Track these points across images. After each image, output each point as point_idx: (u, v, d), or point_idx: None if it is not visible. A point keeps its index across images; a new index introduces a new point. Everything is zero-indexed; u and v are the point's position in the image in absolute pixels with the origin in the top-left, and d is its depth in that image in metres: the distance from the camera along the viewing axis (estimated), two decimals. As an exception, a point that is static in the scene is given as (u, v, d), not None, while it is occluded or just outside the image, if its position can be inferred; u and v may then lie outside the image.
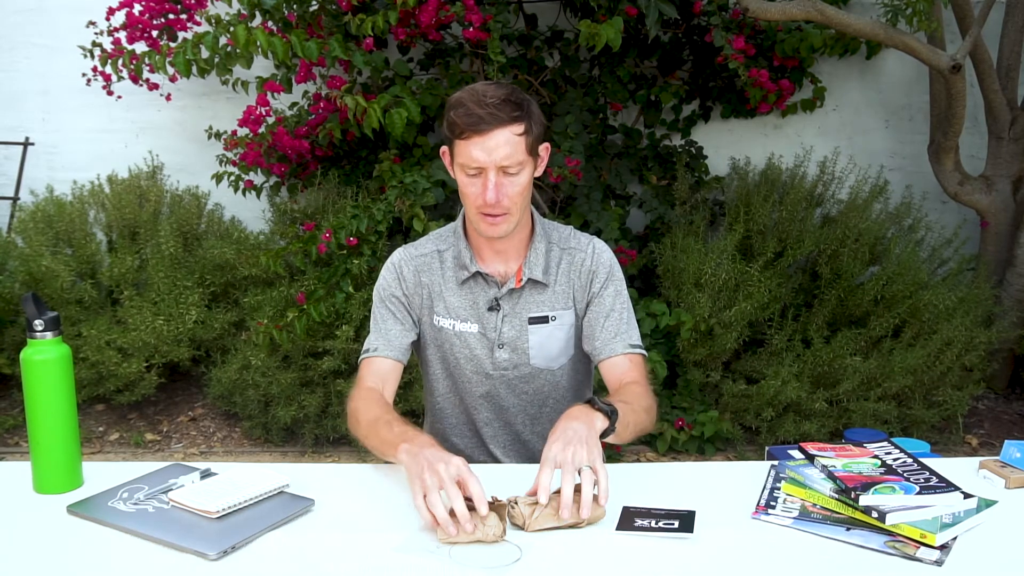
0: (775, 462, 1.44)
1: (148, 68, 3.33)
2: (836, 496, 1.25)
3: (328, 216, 3.58)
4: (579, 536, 1.19)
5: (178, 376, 3.98)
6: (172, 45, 3.29)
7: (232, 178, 3.97)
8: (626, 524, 1.22)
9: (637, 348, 1.58)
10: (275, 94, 3.72)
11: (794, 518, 1.24)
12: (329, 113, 3.62)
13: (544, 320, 1.59)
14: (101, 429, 3.70)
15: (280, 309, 3.40)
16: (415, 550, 1.16)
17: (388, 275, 1.63)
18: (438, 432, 1.73)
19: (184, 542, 1.17)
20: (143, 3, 3.65)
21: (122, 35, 3.70)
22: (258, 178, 4.08)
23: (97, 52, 3.66)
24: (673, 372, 3.56)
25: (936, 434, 3.54)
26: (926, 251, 3.75)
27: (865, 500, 1.19)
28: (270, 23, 3.55)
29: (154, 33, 3.70)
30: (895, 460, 1.33)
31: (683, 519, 1.22)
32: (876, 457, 1.34)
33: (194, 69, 3.17)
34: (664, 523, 1.21)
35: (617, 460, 3.17)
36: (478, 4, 3.34)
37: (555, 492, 1.21)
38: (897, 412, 3.39)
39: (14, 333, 3.64)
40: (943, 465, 1.37)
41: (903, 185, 4.07)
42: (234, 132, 3.89)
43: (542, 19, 4.04)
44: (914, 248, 3.61)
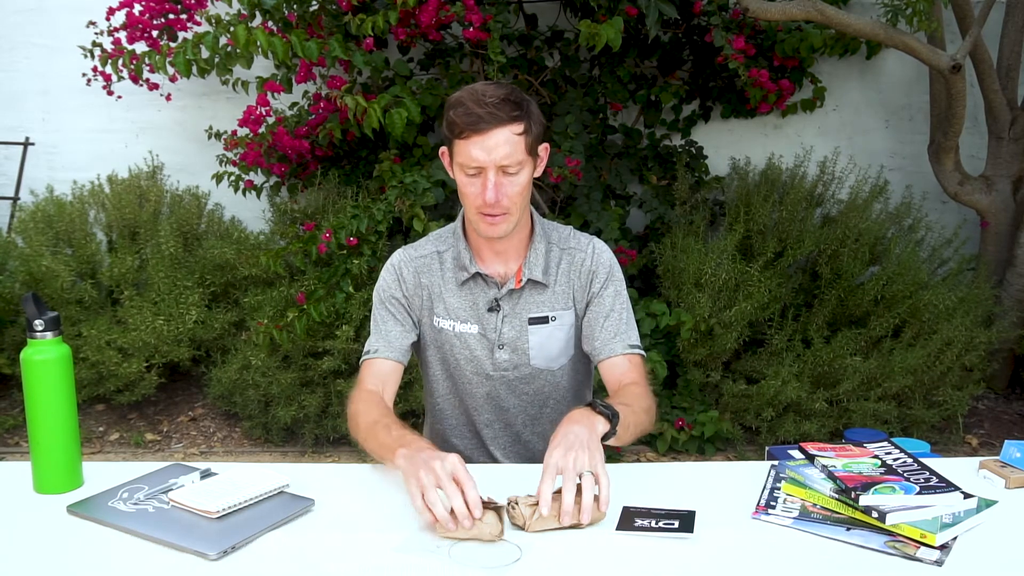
0: (775, 462, 1.44)
1: (148, 68, 3.33)
2: (836, 496, 1.25)
3: (328, 216, 3.58)
4: (579, 536, 1.19)
5: (178, 376, 3.98)
6: (172, 45, 3.29)
7: (232, 178, 3.97)
8: (626, 524, 1.22)
9: (636, 348, 1.57)
10: (275, 94, 3.73)
11: (794, 518, 1.24)
12: (329, 113, 3.62)
13: (544, 320, 1.59)
14: (101, 429, 3.70)
15: (280, 309, 3.40)
16: (415, 550, 1.16)
17: (388, 276, 1.63)
18: (438, 433, 1.73)
19: (184, 542, 1.17)
20: (143, 3, 3.65)
21: (122, 35, 3.70)
22: (258, 178, 4.08)
23: (97, 52, 3.66)
24: (673, 372, 3.56)
25: (936, 434, 3.54)
26: (926, 251, 3.75)
27: (865, 500, 1.19)
28: (270, 23, 3.55)
29: (154, 33, 3.70)
30: (895, 460, 1.33)
31: (683, 519, 1.22)
32: (876, 457, 1.34)
33: (194, 69, 3.17)
34: (664, 523, 1.21)
35: (617, 460, 3.17)
36: (478, 4, 3.34)
37: (556, 491, 1.21)
38: (897, 412, 3.39)
39: (14, 333, 3.65)
40: (943, 465, 1.37)
41: (903, 185, 4.07)
42: (234, 132, 3.89)
43: (542, 19, 4.04)
44: (914, 248, 3.61)
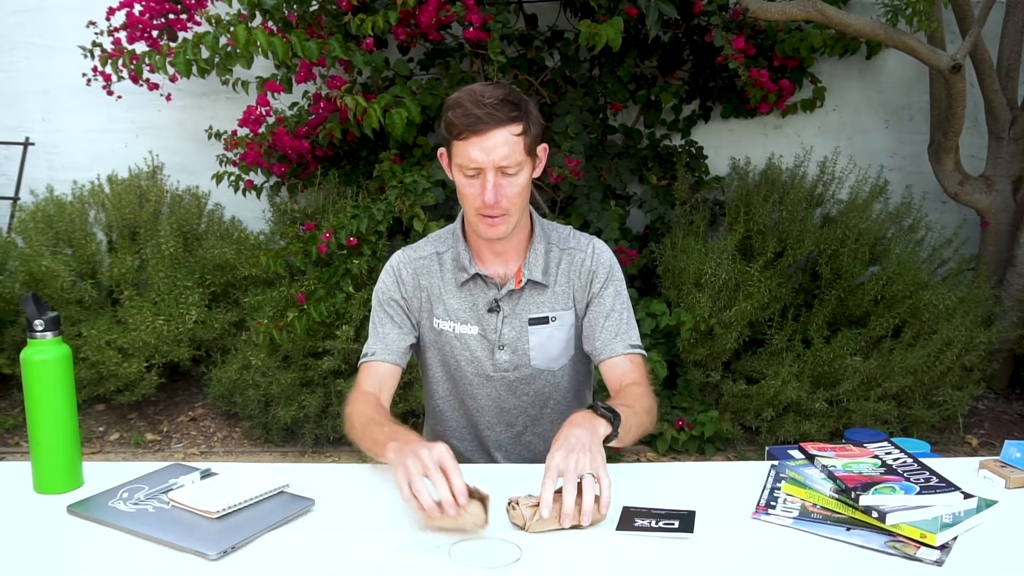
0: (775, 462, 1.44)
1: (148, 68, 3.33)
2: (836, 496, 1.25)
3: (328, 216, 3.58)
4: (579, 536, 1.19)
5: (178, 376, 3.98)
6: (172, 45, 3.29)
7: (232, 178, 3.97)
8: (626, 524, 1.22)
9: (637, 348, 1.57)
10: (275, 94, 3.73)
11: (794, 518, 1.24)
12: (329, 113, 3.62)
13: (544, 321, 1.59)
14: (101, 429, 3.70)
15: (280, 309, 3.40)
16: (415, 550, 1.16)
17: (387, 278, 1.62)
18: (438, 435, 1.72)
19: (184, 542, 1.17)
20: (143, 3, 3.65)
21: (122, 35, 3.70)
22: (258, 178, 4.08)
23: (97, 52, 3.66)
24: (673, 372, 3.56)
25: (936, 434, 3.54)
26: (926, 251, 3.75)
27: (865, 500, 1.19)
28: (270, 23, 3.55)
29: (154, 33, 3.70)
30: (895, 460, 1.33)
31: (683, 519, 1.22)
32: (876, 457, 1.34)
33: (194, 69, 3.17)
34: (664, 523, 1.21)
35: (617, 460, 3.17)
36: (478, 4, 3.33)
37: (557, 491, 1.21)
38: (897, 412, 3.39)
39: (14, 333, 3.65)
40: (943, 465, 1.37)
41: (903, 185, 4.07)
42: (234, 132, 3.89)
43: (542, 19, 4.04)
44: (914, 248, 3.61)
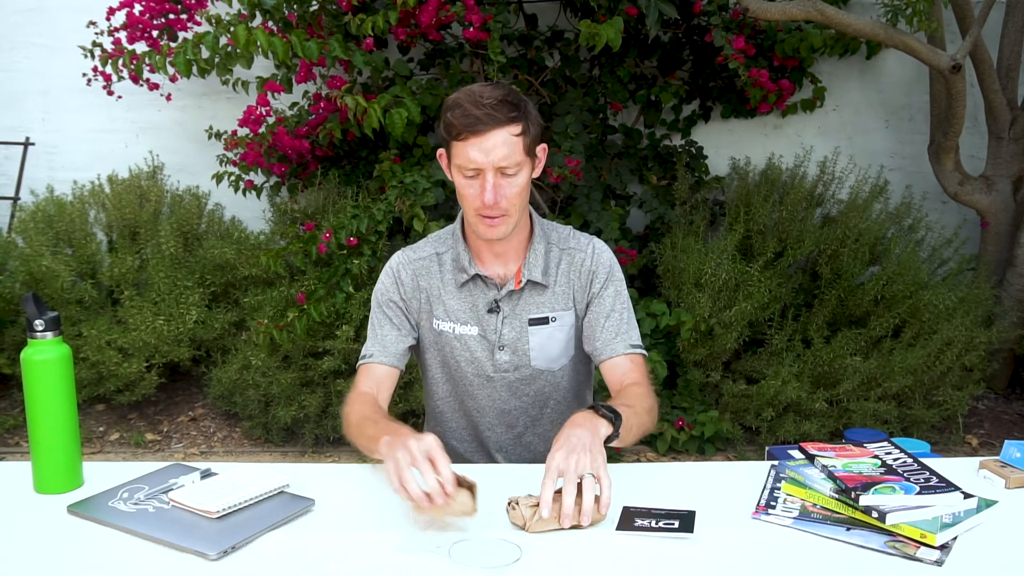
0: (775, 462, 1.44)
1: (148, 68, 3.34)
2: (836, 496, 1.25)
3: (328, 216, 3.58)
4: (579, 536, 1.19)
5: (178, 376, 3.98)
6: (172, 45, 3.29)
7: (232, 178, 3.97)
8: (626, 524, 1.22)
9: (638, 348, 1.57)
10: (275, 94, 3.72)
11: (794, 518, 1.24)
12: (329, 113, 3.62)
13: (544, 321, 1.59)
14: (101, 429, 3.70)
15: (280, 309, 3.40)
16: (415, 550, 1.16)
17: (386, 279, 1.62)
18: (438, 435, 1.71)
19: (184, 542, 1.17)
20: (143, 3, 3.65)
21: (122, 35, 3.70)
22: (258, 178, 4.08)
23: (97, 52, 3.66)
24: (673, 372, 3.56)
25: (936, 434, 3.54)
26: (926, 251, 3.75)
27: (865, 500, 1.19)
28: (270, 23, 3.55)
29: (154, 33, 3.70)
30: (895, 460, 1.33)
31: (683, 519, 1.22)
32: (876, 457, 1.34)
33: (194, 69, 3.17)
34: (664, 523, 1.21)
35: (617, 460, 3.17)
36: (478, 4, 3.33)
37: (557, 491, 1.21)
38: (897, 412, 3.39)
39: (14, 333, 3.65)
40: (943, 465, 1.37)
41: (903, 185, 4.07)
42: (234, 132, 3.89)
43: (542, 19, 4.04)
44: (914, 248, 3.61)
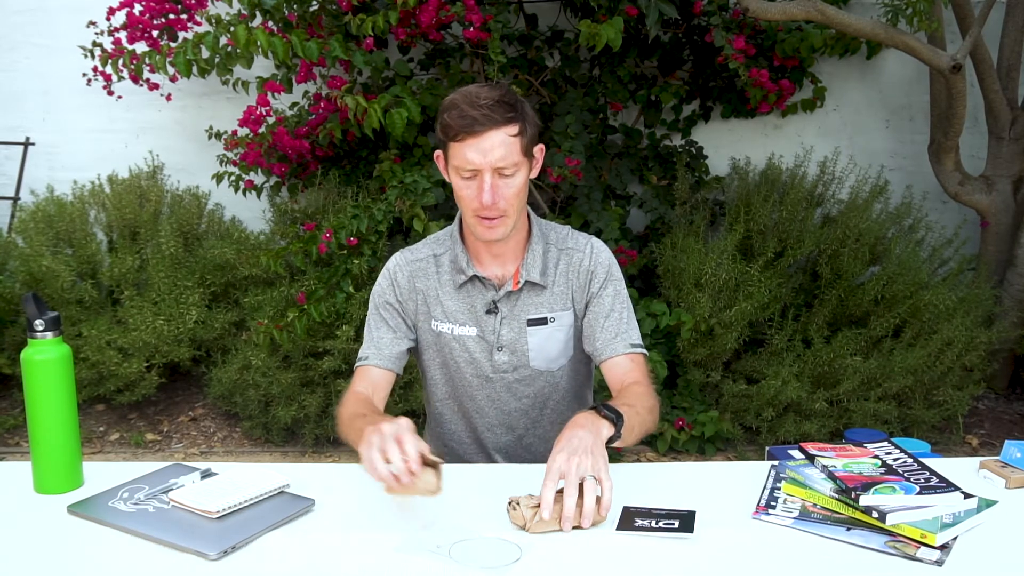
0: (775, 462, 1.44)
1: (148, 68, 3.34)
2: (836, 496, 1.25)
3: (328, 216, 3.58)
4: (579, 536, 1.19)
5: (178, 376, 3.98)
6: (172, 45, 3.29)
7: (232, 178, 3.97)
8: (626, 524, 1.22)
9: (638, 348, 1.57)
10: (275, 94, 3.72)
11: (794, 518, 1.24)
12: (329, 113, 3.62)
13: (543, 322, 1.58)
14: (101, 429, 3.70)
15: (280, 309, 3.40)
16: (415, 550, 1.16)
17: (383, 281, 1.62)
18: (438, 437, 1.73)
19: (184, 542, 1.17)
20: (143, 3, 3.65)
21: (122, 35, 3.70)
22: (258, 178, 4.08)
23: (97, 52, 3.66)
24: (673, 372, 3.56)
25: (936, 434, 3.54)
26: (926, 251, 3.75)
27: (865, 500, 1.19)
28: (270, 23, 3.55)
29: (154, 33, 3.70)
30: (895, 460, 1.33)
31: (683, 519, 1.22)
32: (876, 457, 1.34)
33: (194, 69, 3.17)
34: (664, 523, 1.21)
35: (617, 460, 3.16)
36: (478, 4, 3.34)
37: (558, 493, 1.21)
38: (897, 412, 3.39)
39: (14, 333, 3.65)
40: (943, 465, 1.37)
41: (903, 185, 4.07)
42: (234, 132, 3.89)
43: (542, 19, 4.04)
44: (914, 248, 3.61)
